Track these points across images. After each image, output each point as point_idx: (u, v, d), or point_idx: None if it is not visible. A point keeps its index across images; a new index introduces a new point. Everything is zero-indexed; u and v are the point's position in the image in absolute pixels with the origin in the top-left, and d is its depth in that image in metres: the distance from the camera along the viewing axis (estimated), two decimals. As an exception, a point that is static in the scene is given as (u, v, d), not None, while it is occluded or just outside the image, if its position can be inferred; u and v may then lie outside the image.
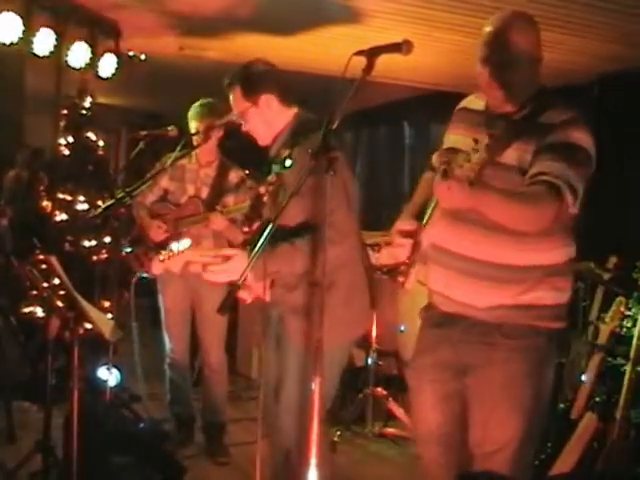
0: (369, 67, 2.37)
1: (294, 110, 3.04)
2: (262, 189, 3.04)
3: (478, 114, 2.66)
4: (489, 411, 2.54)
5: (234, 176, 4.48)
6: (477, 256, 2.50)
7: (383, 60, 2.38)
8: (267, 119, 3.02)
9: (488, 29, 2.56)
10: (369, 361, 5.09)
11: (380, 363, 5.21)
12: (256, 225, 3.00)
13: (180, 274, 4.40)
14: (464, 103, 2.81)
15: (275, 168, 2.96)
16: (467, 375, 2.59)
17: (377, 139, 9.44)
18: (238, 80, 3.04)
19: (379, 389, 5.08)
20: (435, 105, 8.12)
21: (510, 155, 2.37)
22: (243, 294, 2.66)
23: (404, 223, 2.66)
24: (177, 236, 4.34)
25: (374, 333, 5.04)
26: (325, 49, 5.72)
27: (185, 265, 4.39)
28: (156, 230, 4.36)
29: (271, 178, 3.00)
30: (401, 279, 2.63)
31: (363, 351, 5.12)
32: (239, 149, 4.55)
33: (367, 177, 8.96)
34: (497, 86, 2.52)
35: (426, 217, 2.59)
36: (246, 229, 3.06)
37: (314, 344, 2.28)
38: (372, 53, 2.37)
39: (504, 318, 2.50)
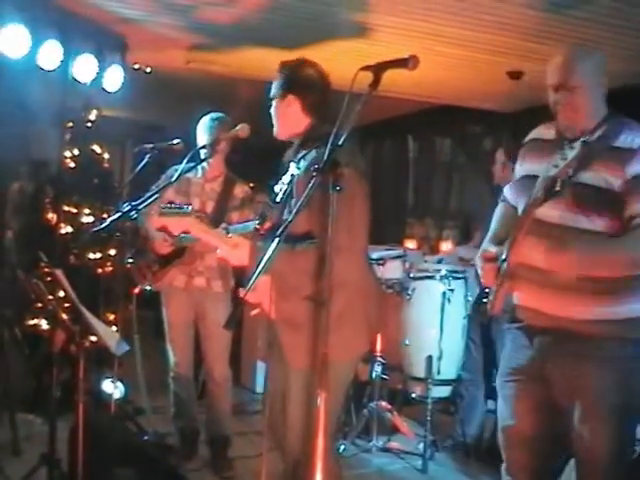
0: (376, 82, 2.38)
1: (309, 119, 3.04)
2: (276, 188, 3.05)
3: (550, 142, 2.76)
4: (582, 420, 2.62)
5: (239, 191, 4.49)
6: (562, 270, 2.59)
7: (388, 75, 2.40)
8: (285, 116, 3.07)
9: (559, 58, 2.72)
10: (374, 375, 5.09)
11: (384, 377, 5.20)
12: (267, 225, 3.00)
13: (184, 287, 4.43)
14: (533, 135, 2.90)
15: (290, 169, 2.99)
16: (558, 386, 2.67)
17: (381, 153, 9.47)
18: (285, 70, 3.10)
19: (384, 403, 5.08)
20: (440, 119, 8.17)
21: (588, 175, 2.54)
22: (250, 296, 2.67)
23: (487, 250, 2.78)
24: (182, 250, 4.35)
25: (379, 347, 5.05)
26: (330, 63, 5.62)
27: (189, 279, 4.44)
28: (161, 243, 4.36)
29: (285, 179, 3.02)
30: (489, 304, 2.72)
31: (368, 365, 5.11)
32: (244, 163, 4.58)
33: (371, 191, 8.96)
34: (570, 109, 2.65)
35: (510, 240, 2.66)
36: (258, 227, 3.09)
37: (317, 358, 2.28)
38: (379, 68, 2.40)
39: (599, 331, 2.59)
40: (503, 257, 2.66)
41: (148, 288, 4.51)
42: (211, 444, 4.62)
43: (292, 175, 2.98)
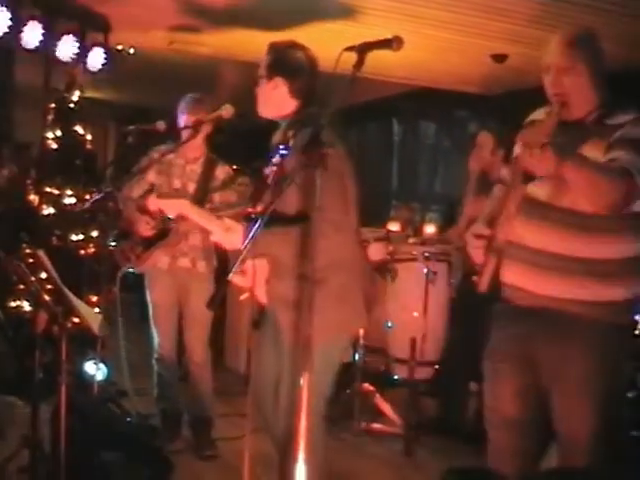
0: (360, 63, 2.37)
1: (296, 102, 3.03)
2: (267, 171, 3.05)
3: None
4: (566, 404, 2.64)
5: (220, 172, 4.46)
6: (552, 249, 2.60)
7: (372, 56, 2.39)
8: (271, 97, 3.07)
9: (556, 38, 2.72)
10: (356, 357, 5.10)
11: (367, 359, 5.22)
12: (259, 207, 3.00)
13: (167, 269, 4.42)
14: (533, 117, 2.87)
15: (279, 152, 2.98)
16: (543, 369, 2.68)
17: (366, 136, 9.45)
18: (274, 51, 3.08)
19: (366, 385, 5.09)
20: (424, 102, 8.16)
21: (585, 151, 2.54)
22: (238, 280, 2.67)
23: (479, 228, 2.77)
24: (165, 231, 4.34)
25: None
26: (315, 45, 5.64)
27: (173, 260, 4.43)
28: (144, 225, 4.34)
29: (275, 161, 3.01)
30: (476, 280, 2.72)
31: (350, 347, 5.12)
32: (227, 144, 4.56)
33: (355, 173, 8.96)
34: (564, 91, 2.64)
35: (500, 218, 2.66)
36: (250, 209, 3.09)
37: (311, 339, 2.29)
38: (362, 49, 2.38)
39: (585, 313, 2.60)
40: (493, 232, 2.66)
41: (131, 270, 4.49)
42: (193, 425, 4.64)
43: (281, 157, 2.97)
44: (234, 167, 4.57)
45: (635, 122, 2.57)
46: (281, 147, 3.00)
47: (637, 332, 4.10)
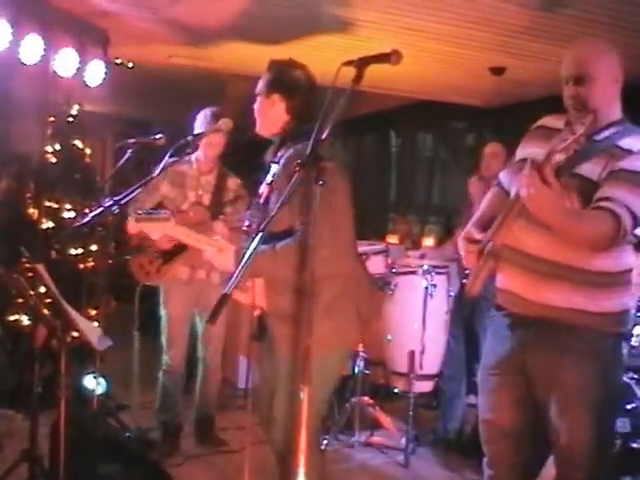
0: (358, 77, 2.38)
1: (291, 120, 3.05)
2: (261, 190, 3.07)
3: (556, 131, 2.71)
4: (561, 414, 2.63)
5: (232, 184, 4.59)
6: (551, 257, 2.60)
7: (370, 69, 2.40)
8: (267, 114, 3.09)
9: (575, 49, 2.73)
10: (356, 370, 5.10)
11: (367, 372, 5.21)
12: (253, 225, 3.02)
13: (187, 280, 4.47)
14: (541, 122, 2.86)
15: (271, 170, 3.01)
16: (539, 379, 2.67)
17: (364, 148, 9.48)
18: (273, 69, 3.11)
19: (366, 398, 5.09)
20: (421, 114, 8.19)
21: (587, 168, 2.56)
22: (240, 296, 2.68)
23: (472, 231, 2.76)
24: (183, 245, 4.36)
25: (361, 342, 5.06)
26: (313, 58, 5.65)
27: (192, 271, 4.46)
28: (163, 238, 4.35)
29: (267, 179, 3.03)
30: (468, 284, 2.71)
31: (350, 360, 5.12)
32: (235, 157, 4.61)
33: (353, 186, 8.99)
34: (581, 103, 2.64)
35: (497, 221, 2.63)
36: (245, 228, 3.13)
37: (301, 352, 2.29)
38: (361, 63, 2.40)
39: (580, 322, 2.59)
40: (488, 237, 2.64)
41: (152, 284, 4.56)
42: (200, 424, 4.77)
43: (273, 175, 2.99)
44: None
45: None
46: (272, 165, 3.03)
47: (636, 344, 4.11)
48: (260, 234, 2.35)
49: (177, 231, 3.02)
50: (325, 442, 4.78)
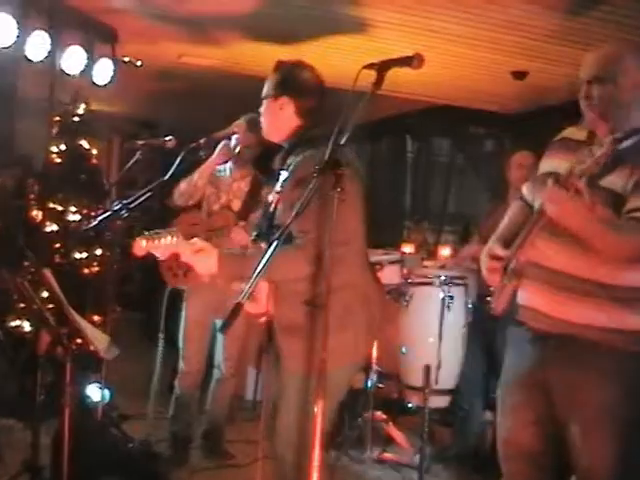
0: (379, 81, 2.39)
1: (301, 123, 3.05)
2: (270, 197, 3.07)
3: (579, 143, 2.72)
4: (583, 435, 2.60)
5: (265, 193, 4.57)
6: (575, 272, 2.58)
7: (389, 72, 2.41)
8: (276, 117, 3.08)
9: (596, 50, 2.72)
10: (369, 383, 5.09)
11: (380, 386, 5.21)
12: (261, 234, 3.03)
13: (208, 285, 4.47)
14: (564, 134, 2.85)
15: (281, 178, 3.00)
16: (560, 397, 2.65)
17: (379, 153, 9.47)
18: (280, 71, 3.11)
19: (379, 413, 5.08)
20: (440, 119, 8.18)
21: (612, 181, 2.51)
22: (249, 306, 2.68)
23: (495, 248, 2.74)
24: None
25: (374, 354, 5.05)
26: (329, 60, 5.74)
27: (213, 277, 4.48)
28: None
29: (277, 187, 3.03)
30: (492, 302, 2.71)
31: (363, 373, 5.11)
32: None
33: (368, 193, 8.99)
34: (594, 104, 2.64)
35: (520, 237, 2.63)
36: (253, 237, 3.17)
37: (315, 365, 2.29)
38: (382, 67, 2.40)
39: (604, 340, 2.57)
40: (512, 253, 2.63)
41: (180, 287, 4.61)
42: (210, 433, 4.81)
43: (282, 183, 2.98)
44: None
45: None
46: (281, 172, 3.02)
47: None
48: (276, 242, 2.36)
49: (184, 249, 2.97)
50: (335, 458, 4.78)
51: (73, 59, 5.34)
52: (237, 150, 4.55)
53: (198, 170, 4.53)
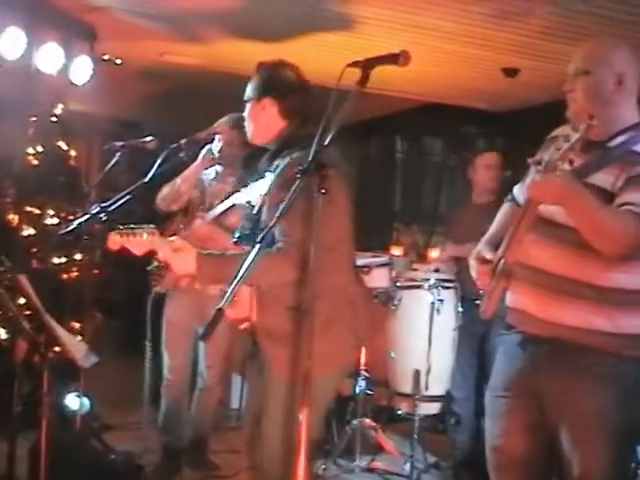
0: (364, 79, 2.40)
1: (284, 124, 3.06)
2: (254, 200, 3.08)
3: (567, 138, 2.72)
4: (575, 442, 2.60)
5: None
6: (564, 273, 2.58)
7: (376, 70, 2.41)
8: (259, 120, 3.10)
9: (585, 45, 2.74)
10: (357, 390, 5.09)
11: (369, 392, 5.21)
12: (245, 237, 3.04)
13: (187, 289, 4.48)
14: (555, 132, 2.86)
15: (267, 180, 3.01)
16: (552, 403, 2.65)
17: (367, 154, 9.48)
18: (262, 71, 3.13)
19: (368, 420, 5.08)
20: (430, 118, 8.19)
21: (600, 178, 2.52)
22: (231, 312, 2.69)
23: (482, 250, 2.76)
24: None
25: (363, 360, 5.06)
26: (314, 57, 5.74)
27: (192, 279, 4.48)
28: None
29: (263, 190, 3.04)
30: (482, 305, 2.71)
31: (351, 379, 5.12)
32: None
33: (356, 194, 8.99)
34: (588, 103, 2.63)
35: (507, 237, 2.63)
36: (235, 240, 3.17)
37: (300, 373, 2.30)
38: (367, 64, 2.41)
39: (597, 344, 2.56)
40: (499, 255, 2.64)
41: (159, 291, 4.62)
42: (191, 445, 4.77)
43: (269, 185, 2.99)
44: None
45: None
46: (267, 174, 3.03)
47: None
48: (258, 246, 2.36)
49: (162, 247, 2.97)
50: (323, 467, 4.78)
51: (50, 57, 5.31)
52: (220, 151, 4.53)
53: (181, 175, 4.53)
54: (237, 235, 3.14)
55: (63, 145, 5.87)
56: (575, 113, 2.68)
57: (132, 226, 2.94)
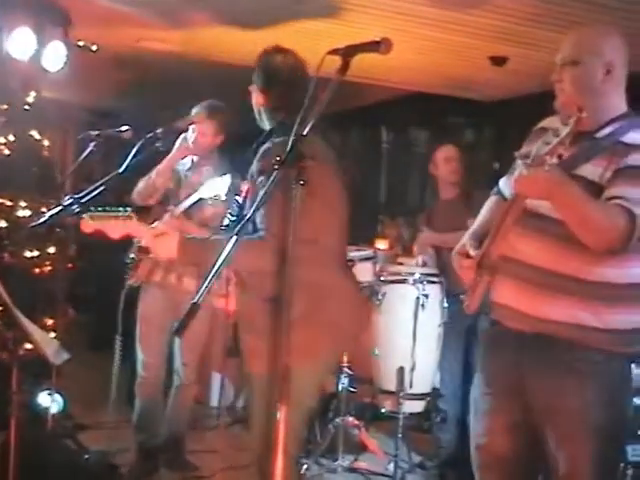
0: (344, 67, 2.40)
1: (272, 113, 3.15)
2: (244, 186, 3.10)
3: (556, 132, 2.71)
4: (560, 441, 2.61)
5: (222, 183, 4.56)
6: (549, 266, 2.59)
7: (359, 58, 2.41)
8: (255, 107, 3.22)
9: (573, 33, 2.75)
10: (340, 387, 5.10)
11: (352, 390, 5.22)
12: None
13: (160, 282, 4.48)
14: (542, 124, 2.88)
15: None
16: (537, 401, 2.66)
17: (351, 145, 9.48)
18: (258, 58, 3.22)
19: (351, 419, 5.09)
20: (416, 108, 8.20)
21: (588, 170, 2.53)
22: (216, 301, 2.72)
23: (467, 244, 2.77)
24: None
25: (346, 357, 5.06)
26: (295, 45, 5.72)
27: (165, 273, 4.48)
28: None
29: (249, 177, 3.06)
30: (466, 300, 2.74)
31: (334, 377, 5.12)
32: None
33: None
34: (577, 94, 2.64)
35: (492, 231, 2.65)
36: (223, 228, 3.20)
37: (277, 369, 2.30)
38: (348, 52, 2.41)
39: (583, 339, 2.57)
40: (484, 248, 2.65)
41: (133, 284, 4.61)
42: (167, 445, 4.75)
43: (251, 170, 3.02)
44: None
45: None
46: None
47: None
48: (235, 238, 2.36)
49: (140, 231, 3.01)
50: (305, 467, 4.78)
51: (21, 43, 5.27)
52: (194, 141, 4.52)
53: (156, 169, 4.51)
54: (225, 223, 3.17)
55: (36, 134, 5.83)
56: (563, 104, 2.69)
57: (107, 208, 2.95)
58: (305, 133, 2.36)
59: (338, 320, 2.99)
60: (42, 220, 3.52)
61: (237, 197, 3.32)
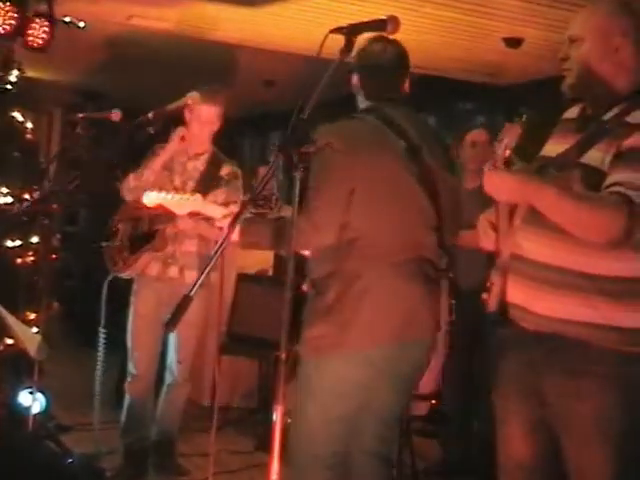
0: (348, 47, 2.40)
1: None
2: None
3: (571, 121, 2.76)
4: (579, 446, 2.61)
5: (225, 172, 4.59)
6: (555, 263, 2.57)
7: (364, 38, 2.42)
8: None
9: (581, 10, 2.74)
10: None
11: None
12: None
13: (157, 276, 4.49)
14: (564, 115, 2.86)
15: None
16: (553, 404, 2.65)
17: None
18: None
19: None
20: (423, 92, 8.16)
21: (591, 155, 2.51)
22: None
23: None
24: (152, 234, 4.46)
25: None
26: (295, 23, 5.72)
27: (163, 267, 4.48)
28: None
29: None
30: (485, 297, 2.75)
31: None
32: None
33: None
34: (583, 73, 2.64)
35: (503, 229, 2.68)
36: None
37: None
38: (352, 31, 2.41)
39: (599, 340, 2.55)
40: (495, 248, 2.67)
41: (122, 276, 4.60)
42: (158, 447, 4.74)
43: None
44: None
45: None
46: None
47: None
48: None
49: (210, 209, 3.12)
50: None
51: (2, 18, 5.27)
52: (189, 126, 4.51)
53: (149, 166, 4.48)
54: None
55: (18, 116, 5.83)
56: (570, 87, 2.69)
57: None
58: (305, 117, 2.36)
59: (367, 320, 2.98)
60: (26, 207, 3.52)
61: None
